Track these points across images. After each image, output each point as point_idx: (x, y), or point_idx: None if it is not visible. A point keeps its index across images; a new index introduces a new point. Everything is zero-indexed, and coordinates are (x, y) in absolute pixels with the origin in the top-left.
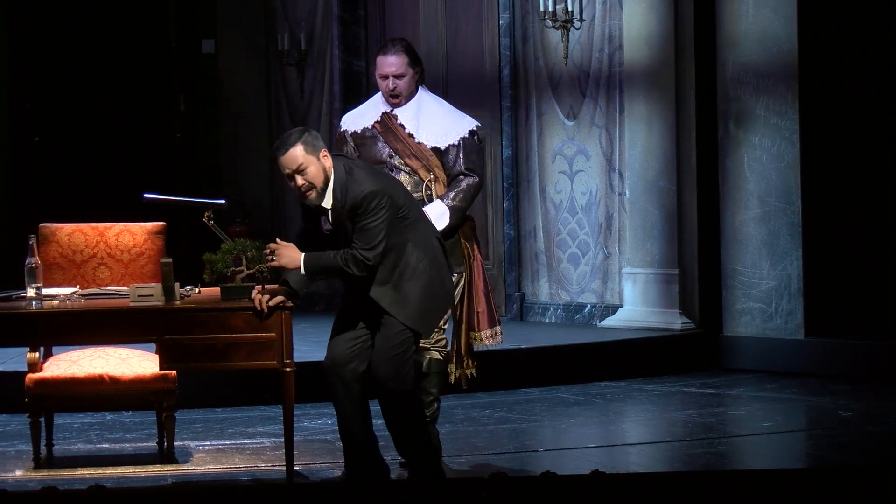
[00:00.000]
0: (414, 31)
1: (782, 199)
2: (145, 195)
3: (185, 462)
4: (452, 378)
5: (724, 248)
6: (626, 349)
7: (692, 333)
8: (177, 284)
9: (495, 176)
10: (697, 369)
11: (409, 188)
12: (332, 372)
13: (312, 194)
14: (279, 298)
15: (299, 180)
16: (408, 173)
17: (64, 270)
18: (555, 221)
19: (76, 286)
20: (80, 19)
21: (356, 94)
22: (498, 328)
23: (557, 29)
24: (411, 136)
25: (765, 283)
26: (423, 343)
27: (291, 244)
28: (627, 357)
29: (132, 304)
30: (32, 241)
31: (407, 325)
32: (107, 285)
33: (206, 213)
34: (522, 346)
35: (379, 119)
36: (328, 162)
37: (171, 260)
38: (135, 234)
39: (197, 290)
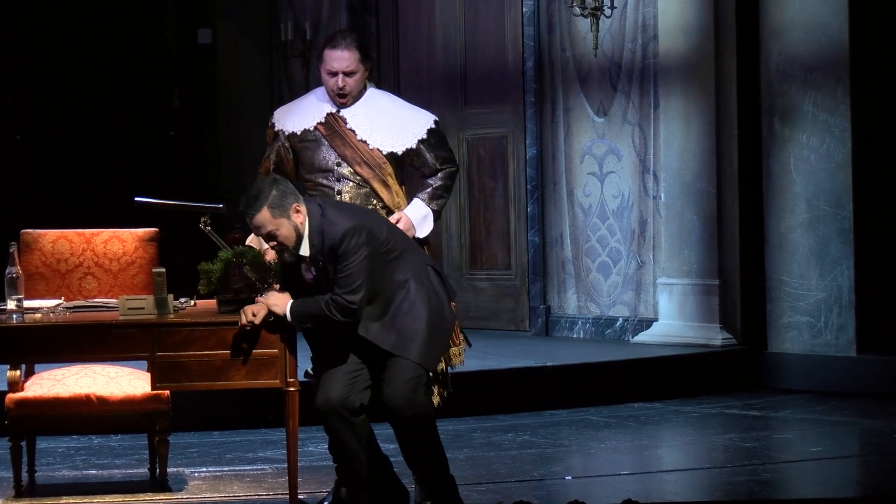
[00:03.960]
0: (430, 19)
1: (832, 202)
2: (136, 199)
3: (180, 490)
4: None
5: (768, 256)
6: (662, 367)
7: (734, 350)
8: (170, 296)
9: (518, 178)
10: (740, 389)
11: (357, 201)
12: (329, 411)
13: (286, 254)
14: (264, 313)
15: (271, 242)
16: (357, 184)
17: (47, 281)
18: (583, 227)
19: (61, 298)
20: (67, 7)
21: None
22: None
23: (586, 17)
24: (364, 141)
25: (813, 295)
26: None
27: (286, 293)
28: (663, 376)
29: (122, 317)
30: (13, 249)
31: (414, 362)
32: (94, 297)
33: (203, 219)
34: (548, 364)
35: (323, 120)
36: (300, 217)
37: (164, 269)
38: (125, 242)
39: (192, 302)
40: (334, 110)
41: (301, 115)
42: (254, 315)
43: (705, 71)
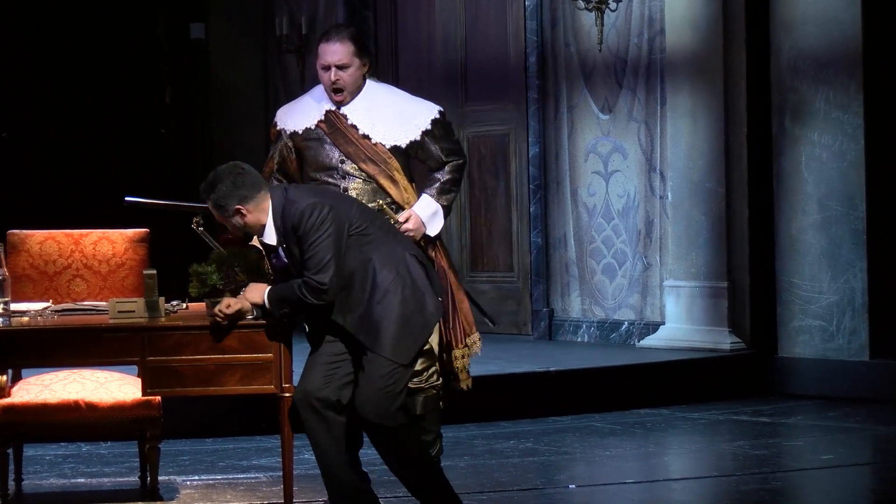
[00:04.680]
0: (429, 13)
1: (845, 202)
2: (127, 198)
3: (171, 499)
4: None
5: (778, 258)
6: (669, 372)
7: (743, 354)
8: (162, 299)
9: (520, 177)
10: (749, 395)
11: (364, 199)
12: (302, 402)
13: (252, 240)
14: (237, 304)
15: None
16: (363, 180)
17: (35, 283)
18: (588, 228)
19: (48, 300)
20: (56, 1)
21: None
22: (470, 339)
23: (591, 11)
24: (366, 137)
25: (825, 298)
26: (413, 384)
27: (264, 283)
28: (670, 381)
29: (112, 320)
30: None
31: (382, 356)
32: (83, 300)
33: (195, 219)
34: (551, 369)
35: (324, 118)
36: (244, 219)
37: (155, 271)
38: (114, 243)
39: (184, 305)
40: (334, 107)
41: (302, 114)
42: (227, 307)
43: (714, 66)
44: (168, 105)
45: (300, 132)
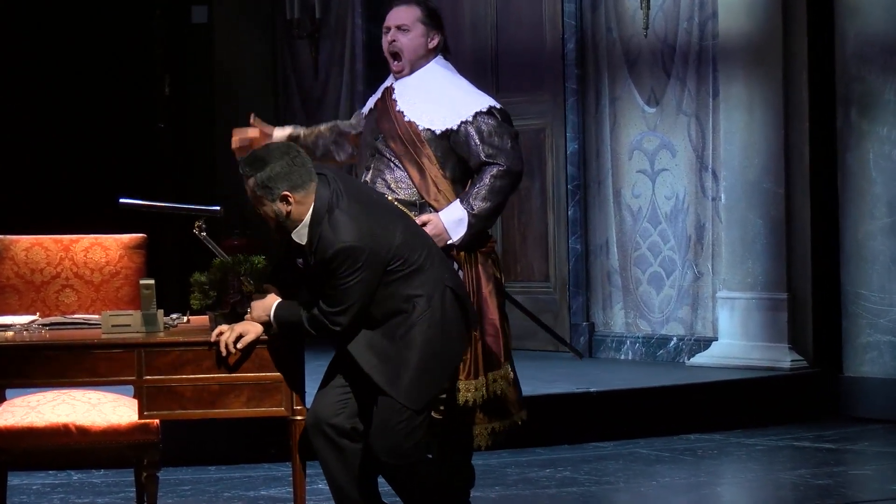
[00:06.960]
0: None
1: None
2: (121, 200)
3: None
4: (484, 441)
5: (844, 266)
6: (722, 393)
7: (804, 373)
8: (160, 311)
9: (557, 177)
10: (811, 418)
11: (390, 183)
12: (314, 428)
13: (272, 225)
14: (251, 336)
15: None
16: (389, 160)
17: (20, 294)
18: (632, 233)
19: (35, 313)
20: None
21: (383, 73)
22: (491, 376)
23: None
24: (401, 112)
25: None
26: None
27: (272, 293)
28: (723, 403)
29: (105, 335)
30: None
31: (398, 401)
32: (73, 312)
33: (197, 223)
34: (592, 390)
35: (381, 95)
36: (288, 207)
37: (152, 281)
38: (108, 249)
39: (185, 318)
40: (391, 82)
41: (372, 97)
42: (238, 338)
43: (772, 54)
44: (167, 97)
45: (366, 114)
